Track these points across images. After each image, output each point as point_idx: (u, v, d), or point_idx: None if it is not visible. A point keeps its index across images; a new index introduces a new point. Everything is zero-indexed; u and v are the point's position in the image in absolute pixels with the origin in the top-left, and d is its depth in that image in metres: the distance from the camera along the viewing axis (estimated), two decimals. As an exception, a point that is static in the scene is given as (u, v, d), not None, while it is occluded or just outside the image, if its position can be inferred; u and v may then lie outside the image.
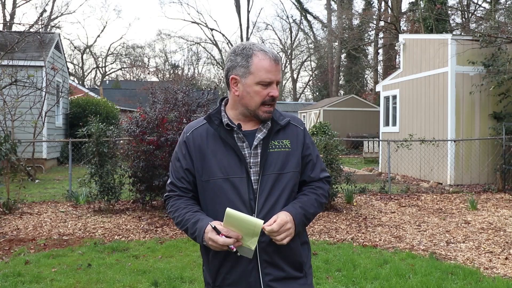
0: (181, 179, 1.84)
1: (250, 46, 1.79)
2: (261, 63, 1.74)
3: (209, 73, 61.50)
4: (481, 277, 4.51)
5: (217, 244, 1.64)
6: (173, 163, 1.89)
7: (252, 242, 1.64)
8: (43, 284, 4.37)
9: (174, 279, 4.46)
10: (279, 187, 1.78)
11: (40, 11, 29.74)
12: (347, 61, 34.90)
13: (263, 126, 1.82)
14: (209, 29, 65.98)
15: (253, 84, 1.75)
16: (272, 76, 1.75)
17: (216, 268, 1.79)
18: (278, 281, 1.77)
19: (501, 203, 8.62)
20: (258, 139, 1.79)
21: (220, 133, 1.78)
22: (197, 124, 1.86)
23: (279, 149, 1.80)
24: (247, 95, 1.76)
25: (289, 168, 1.81)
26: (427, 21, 19.87)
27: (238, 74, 1.77)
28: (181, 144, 1.86)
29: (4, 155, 7.31)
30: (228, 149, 1.77)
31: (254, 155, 1.78)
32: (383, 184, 10.11)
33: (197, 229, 1.71)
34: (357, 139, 15.03)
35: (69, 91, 17.05)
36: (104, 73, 48.53)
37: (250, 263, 1.74)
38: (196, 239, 1.73)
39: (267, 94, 1.76)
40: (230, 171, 1.75)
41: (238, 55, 1.77)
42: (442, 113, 11.37)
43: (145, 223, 6.79)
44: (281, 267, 1.77)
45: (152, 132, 7.28)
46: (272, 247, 1.74)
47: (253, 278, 1.75)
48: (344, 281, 4.42)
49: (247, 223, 1.62)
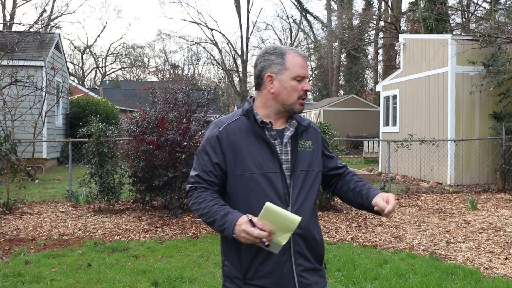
0: (208, 173, 1.86)
1: (280, 46, 1.91)
2: (295, 59, 1.86)
3: (209, 73, 61.70)
4: (481, 277, 4.51)
5: (250, 236, 1.66)
6: (199, 156, 1.90)
7: (284, 237, 1.68)
8: (43, 284, 4.37)
9: (174, 279, 4.46)
10: (308, 183, 1.90)
11: (40, 11, 29.79)
12: (347, 61, 34.90)
13: (289, 125, 1.92)
14: (209, 29, 65.83)
15: (289, 80, 1.86)
16: (305, 71, 1.88)
17: (249, 261, 1.81)
18: (307, 271, 1.86)
19: (501, 203, 8.62)
20: (287, 137, 1.89)
21: (256, 129, 1.85)
22: (228, 120, 1.91)
23: (305, 149, 1.92)
24: (284, 90, 1.86)
25: (314, 166, 1.93)
26: (427, 21, 19.86)
27: (273, 71, 1.87)
28: (211, 138, 1.88)
29: (4, 155, 7.31)
30: (263, 145, 1.84)
31: (285, 152, 1.87)
32: (383, 184, 10.11)
33: (227, 221, 1.72)
34: (357, 139, 15.03)
35: (69, 91, 17.05)
36: (104, 73, 48.57)
37: (284, 254, 1.80)
38: (224, 231, 1.73)
39: (301, 88, 1.87)
40: (265, 166, 1.82)
41: (272, 54, 1.88)
42: (442, 113, 11.37)
43: (145, 223, 6.79)
44: (309, 259, 1.87)
45: (152, 132, 7.28)
46: (303, 240, 1.84)
47: (286, 269, 1.81)
48: (344, 281, 4.42)
49: (284, 219, 1.65)
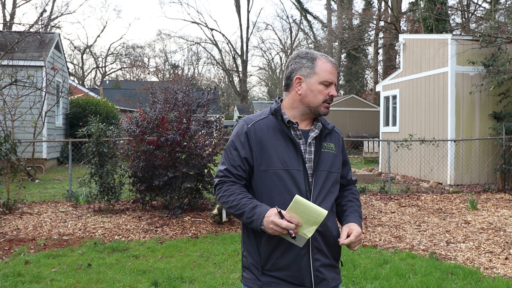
0: (237, 167, 1.94)
1: (312, 51, 2.01)
2: (325, 65, 1.97)
3: (209, 73, 61.63)
4: (481, 277, 4.51)
5: (279, 227, 1.73)
6: (228, 151, 1.98)
7: (310, 230, 1.75)
8: (43, 284, 4.37)
9: (174, 279, 4.46)
10: (328, 184, 1.97)
11: (40, 11, 29.76)
12: (347, 61, 34.88)
13: (314, 127, 2.00)
14: (209, 29, 66.03)
15: (316, 83, 1.96)
16: (333, 77, 1.97)
17: (269, 252, 1.88)
18: (324, 267, 1.93)
19: (501, 203, 8.62)
20: (311, 138, 1.97)
21: (284, 128, 1.93)
22: (256, 118, 1.99)
23: (328, 150, 2.00)
24: (310, 93, 1.96)
25: (335, 168, 2.01)
26: (427, 21, 19.86)
27: (303, 74, 1.97)
28: (240, 134, 1.96)
29: (4, 155, 7.31)
30: (288, 143, 1.92)
31: (309, 152, 1.95)
32: (383, 184, 10.11)
33: (256, 213, 1.81)
34: (357, 139, 15.03)
35: (69, 91, 17.04)
36: (104, 73, 48.60)
37: (302, 249, 1.87)
38: (252, 223, 1.82)
39: (327, 93, 1.97)
40: (289, 163, 1.90)
41: (303, 58, 1.98)
42: (442, 113, 11.37)
43: (145, 223, 6.79)
44: (327, 254, 1.94)
45: (152, 132, 7.28)
46: (322, 236, 1.91)
47: (304, 263, 1.88)
48: (344, 281, 4.42)
49: (312, 211, 1.73)
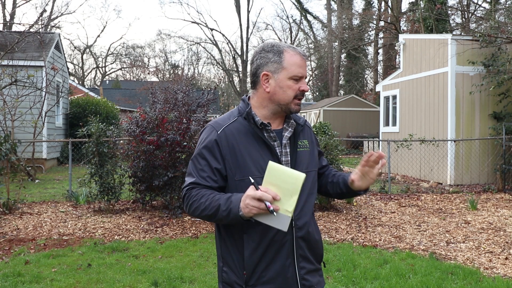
0: (206, 178, 1.75)
1: (278, 43, 1.83)
2: (293, 58, 1.78)
3: (209, 73, 61.62)
4: (481, 277, 4.51)
5: (255, 201, 1.56)
6: (196, 161, 1.79)
7: (291, 203, 1.59)
8: (43, 284, 4.37)
9: (174, 279, 4.46)
10: (308, 185, 1.84)
11: (40, 11, 29.76)
12: (347, 61, 34.90)
13: (287, 125, 1.86)
14: (209, 29, 65.79)
15: (285, 79, 1.78)
16: (302, 70, 1.79)
17: (253, 266, 1.75)
18: (309, 273, 1.84)
19: (501, 203, 8.62)
20: (286, 138, 1.83)
21: (256, 131, 1.77)
22: (225, 122, 1.81)
23: (303, 149, 1.88)
24: (280, 90, 1.79)
25: (312, 167, 1.90)
26: (427, 21, 19.86)
27: (270, 70, 1.79)
28: (209, 142, 1.77)
29: (4, 155, 7.31)
30: (263, 148, 1.77)
31: (285, 154, 1.82)
32: (383, 184, 10.11)
33: (232, 201, 1.64)
34: (357, 139, 15.02)
35: (69, 91, 17.04)
36: (104, 73, 48.58)
37: (287, 258, 1.77)
38: (230, 213, 1.63)
39: (298, 88, 1.80)
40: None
41: (269, 52, 1.79)
42: (442, 113, 11.37)
43: (145, 223, 6.79)
44: (311, 260, 1.85)
45: (152, 132, 7.28)
46: (305, 242, 1.82)
47: (290, 273, 1.78)
48: (344, 281, 4.42)
49: (288, 176, 1.59)
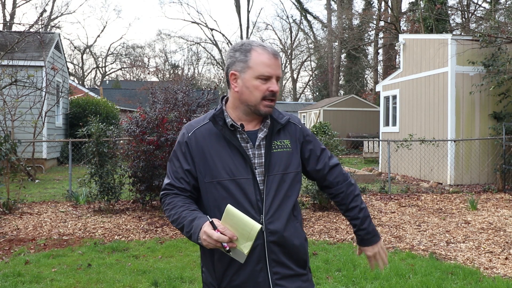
0: (180, 179, 1.78)
1: (249, 42, 1.78)
2: (260, 57, 1.71)
3: (209, 73, 61.54)
4: (481, 277, 4.51)
5: (211, 239, 1.55)
6: (171, 163, 1.84)
7: (246, 246, 1.57)
8: (43, 284, 4.37)
9: (174, 279, 4.46)
10: (284, 187, 1.77)
11: (40, 11, 29.78)
12: (347, 61, 34.90)
13: (263, 125, 1.79)
14: (209, 29, 66.04)
15: (251, 79, 1.72)
16: (271, 70, 1.72)
17: (223, 270, 1.74)
18: (285, 279, 1.76)
19: (501, 203, 8.62)
20: (259, 139, 1.77)
21: (225, 134, 1.74)
22: (197, 124, 1.81)
23: (281, 149, 1.79)
24: (246, 90, 1.73)
25: (292, 168, 1.80)
26: (427, 21, 19.86)
27: (237, 69, 1.74)
28: (181, 144, 1.81)
29: (4, 155, 7.31)
30: (233, 150, 1.73)
31: (258, 156, 1.76)
32: (383, 184, 10.11)
33: (193, 226, 1.63)
34: (357, 139, 15.02)
35: (69, 91, 17.05)
36: (104, 73, 48.60)
37: (258, 263, 1.72)
38: (191, 237, 1.64)
39: (266, 89, 1.72)
40: (236, 172, 1.72)
41: (237, 51, 1.75)
42: (442, 113, 11.37)
43: (145, 223, 6.79)
44: (288, 265, 1.77)
45: (152, 132, 7.28)
46: (279, 247, 1.74)
47: (261, 278, 1.73)
48: (344, 281, 4.42)
49: (244, 224, 1.56)
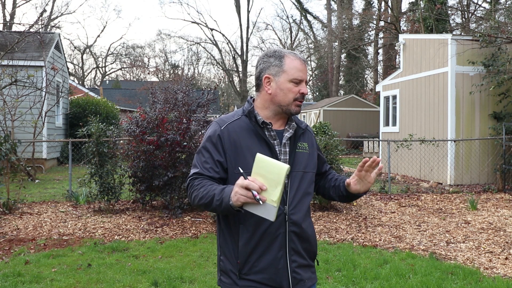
0: (209, 169, 1.89)
1: (280, 49, 1.97)
2: (293, 62, 1.92)
3: (209, 73, 61.67)
4: (481, 277, 4.51)
5: (243, 189, 1.65)
6: (200, 154, 1.94)
7: (275, 193, 1.66)
8: (43, 284, 4.37)
9: (174, 279, 4.46)
10: (304, 184, 1.96)
11: (40, 11, 29.79)
12: (347, 61, 34.90)
13: (289, 127, 1.97)
14: (209, 29, 65.81)
15: (286, 82, 1.91)
16: (302, 74, 1.92)
17: (246, 256, 1.87)
18: (301, 267, 1.93)
19: (501, 203, 8.62)
20: (286, 138, 1.95)
21: (258, 129, 1.90)
22: (229, 119, 1.95)
23: (302, 150, 1.98)
24: (280, 92, 1.92)
25: (309, 168, 2.00)
26: (427, 21, 19.86)
27: (271, 73, 1.93)
28: (212, 137, 1.92)
29: (4, 155, 7.31)
30: (263, 145, 1.89)
31: (284, 153, 1.94)
32: (383, 184, 10.11)
33: (225, 191, 1.74)
34: (357, 139, 15.02)
35: (69, 91, 17.05)
36: (104, 73, 48.61)
37: (280, 250, 1.87)
38: (222, 203, 1.73)
39: (298, 91, 1.92)
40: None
41: (271, 57, 1.94)
42: (442, 113, 11.37)
43: (145, 223, 6.79)
44: (303, 255, 1.94)
45: (152, 132, 7.29)
46: (298, 237, 1.91)
47: (281, 265, 1.87)
48: (344, 281, 4.42)
49: (273, 167, 1.68)
